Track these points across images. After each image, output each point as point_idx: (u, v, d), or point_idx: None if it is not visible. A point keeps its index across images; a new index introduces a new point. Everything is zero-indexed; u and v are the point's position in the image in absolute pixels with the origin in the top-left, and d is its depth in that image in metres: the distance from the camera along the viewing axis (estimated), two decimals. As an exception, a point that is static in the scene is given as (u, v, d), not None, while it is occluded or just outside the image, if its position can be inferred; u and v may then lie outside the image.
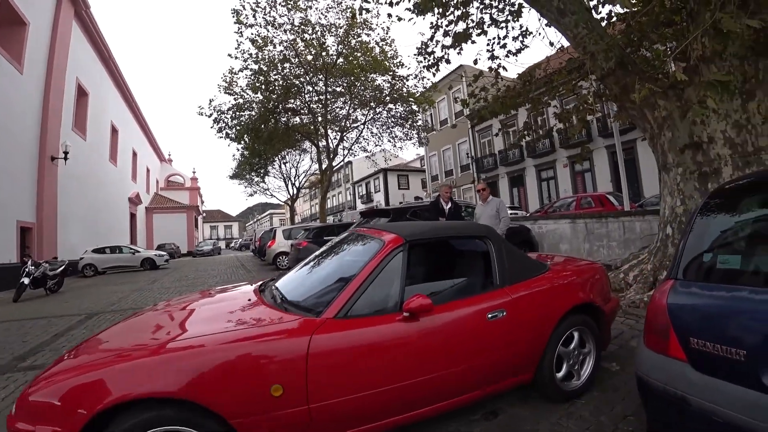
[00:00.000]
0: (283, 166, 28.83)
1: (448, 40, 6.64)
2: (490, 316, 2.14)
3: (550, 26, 5.59)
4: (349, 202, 45.65)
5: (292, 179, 30.02)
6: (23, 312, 7.55)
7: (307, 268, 2.71)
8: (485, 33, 6.64)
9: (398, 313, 1.95)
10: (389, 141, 20.49)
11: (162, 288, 10.42)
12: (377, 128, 20.24)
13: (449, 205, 5.95)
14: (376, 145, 21.09)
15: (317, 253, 2.88)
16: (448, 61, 7.06)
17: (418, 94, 17.75)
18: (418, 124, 20.18)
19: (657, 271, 4.48)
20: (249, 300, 2.33)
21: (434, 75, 8.12)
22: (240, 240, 50.74)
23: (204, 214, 55.20)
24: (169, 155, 43.82)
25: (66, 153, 14.95)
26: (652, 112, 4.54)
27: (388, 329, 1.92)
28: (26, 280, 9.18)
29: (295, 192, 30.23)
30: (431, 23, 6.69)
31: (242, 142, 18.98)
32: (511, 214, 17.48)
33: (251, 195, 32.45)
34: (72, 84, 16.54)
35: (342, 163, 24.36)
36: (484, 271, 2.48)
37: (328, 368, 1.76)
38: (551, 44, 6.20)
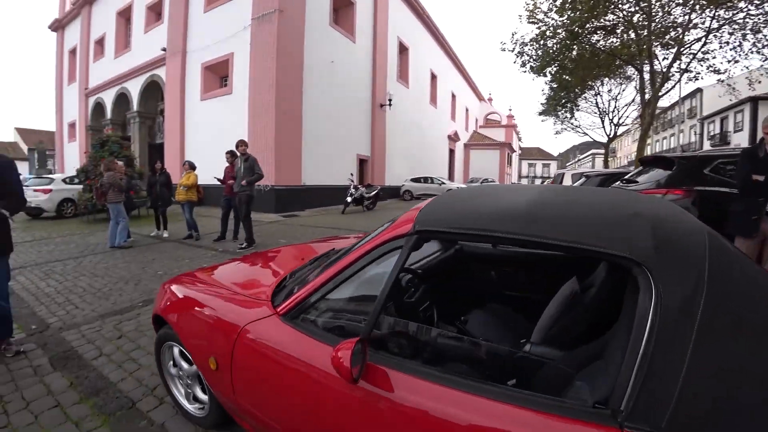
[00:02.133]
0: (598, 98, 24.24)
1: None
2: None
3: None
4: (692, 145, 33.62)
5: (610, 115, 24.87)
6: (335, 222, 10.62)
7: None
8: None
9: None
10: (756, 53, 12.77)
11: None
12: (735, 36, 13.02)
13: None
14: (732, 61, 13.57)
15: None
16: None
17: None
18: None
19: None
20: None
21: None
22: (548, 179, 50.22)
23: (520, 152, 56.41)
24: (489, 95, 46.55)
25: (390, 101, 18.89)
26: None
27: (318, 364, 1.28)
28: (348, 199, 12.86)
29: (612, 130, 24.97)
30: None
31: (546, 74, 17.26)
32: None
33: (558, 133, 29.57)
34: (394, 43, 20.13)
35: (678, 90, 17.54)
36: (594, 353, 1.17)
37: (250, 370, 1.51)
38: None
